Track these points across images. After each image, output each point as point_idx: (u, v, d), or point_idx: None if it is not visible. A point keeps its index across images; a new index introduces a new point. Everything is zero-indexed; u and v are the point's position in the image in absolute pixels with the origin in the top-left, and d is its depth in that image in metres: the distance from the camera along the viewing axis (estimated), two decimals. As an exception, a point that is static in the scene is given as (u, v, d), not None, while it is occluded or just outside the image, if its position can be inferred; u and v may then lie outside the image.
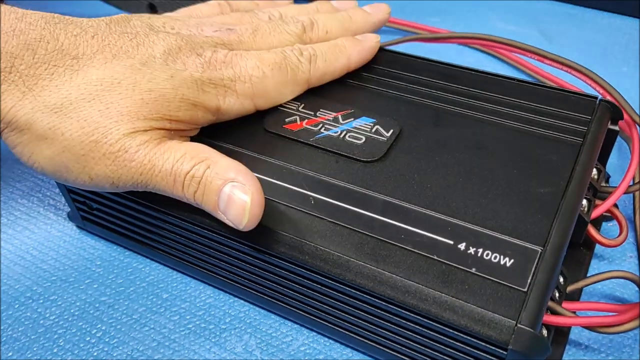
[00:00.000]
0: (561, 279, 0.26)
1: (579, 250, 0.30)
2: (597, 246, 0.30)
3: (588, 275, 0.29)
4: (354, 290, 0.24)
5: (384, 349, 0.25)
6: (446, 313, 0.22)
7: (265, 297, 0.28)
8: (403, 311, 0.23)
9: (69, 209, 0.33)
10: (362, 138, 0.28)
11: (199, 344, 0.28)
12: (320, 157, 0.28)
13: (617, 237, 0.28)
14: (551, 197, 0.25)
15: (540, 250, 0.23)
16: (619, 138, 0.31)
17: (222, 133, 0.29)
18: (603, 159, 0.30)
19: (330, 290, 0.25)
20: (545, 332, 0.24)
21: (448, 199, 0.25)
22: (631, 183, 0.29)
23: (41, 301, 0.30)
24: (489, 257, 0.23)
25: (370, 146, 0.28)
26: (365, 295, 0.24)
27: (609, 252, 0.30)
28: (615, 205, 0.29)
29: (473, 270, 0.23)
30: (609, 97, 0.31)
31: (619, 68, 0.40)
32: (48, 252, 0.32)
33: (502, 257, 0.23)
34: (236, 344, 0.28)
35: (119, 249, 0.32)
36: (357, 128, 0.29)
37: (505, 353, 0.21)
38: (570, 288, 0.26)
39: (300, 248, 0.24)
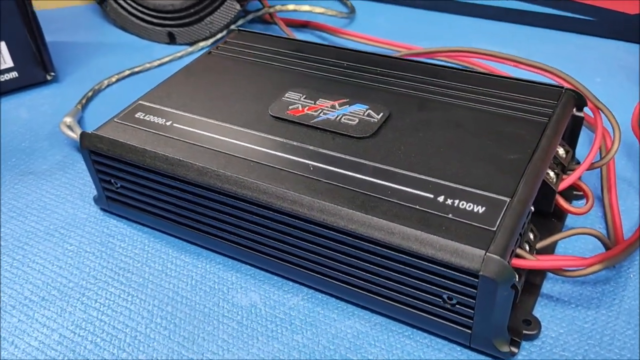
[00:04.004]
0: (531, 236, 0.29)
1: (550, 220, 0.33)
2: (569, 219, 0.33)
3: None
4: (345, 236, 0.27)
5: (372, 295, 0.28)
6: (425, 248, 0.25)
7: (268, 257, 0.31)
8: (389, 251, 0.26)
9: (95, 194, 0.37)
10: (355, 120, 0.32)
11: (209, 299, 0.31)
12: (319, 135, 0.32)
13: (584, 206, 0.31)
14: (519, 162, 0.29)
15: (508, 200, 0.26)
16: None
17: (230, 116, 0.33)
18: (572, 143, 0.34)
19: (325, 240, 0.28)
20: (516, 277, 0.27)
21: (429, 164, 0.29)
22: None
23: (67, 268, 0.33)
24: (464, 206, 0.27)
25: (362, 125, 0.32)
26: (355, 240, 0.27)
27: (580, 223, 0.33)
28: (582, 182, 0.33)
29: (450, 215, 0.26)
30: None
31: (593, 79, 0.45)
32: (75, 230, 0.36)
33: (475, 205, 0.26)
34: (242, 299, 0.31)
35: (139, 227, 0.36)
36: (352, 112, 0.33)
37: (477, 281, 0.24)
38: (540, 244, 0.29)
39: (299, 202, 0.28)
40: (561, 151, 0.32)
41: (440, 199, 0.27)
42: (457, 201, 0.27)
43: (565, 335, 0.28)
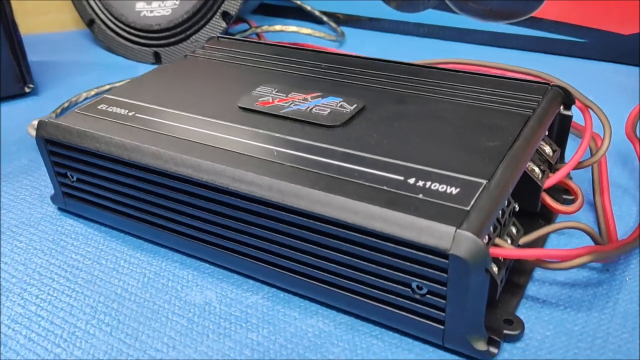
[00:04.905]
0: (514, 230, 0.27)
1: (537, 222, 0.30)
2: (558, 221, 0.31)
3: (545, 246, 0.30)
4: (306, 219, 0.24)
5: (336, 289, 0.25)
6: (390, 227, 0.22)
7: (226, 251, 0.28)
8: (352, 234, 0.23)
9: (52, 192, 0.34)
10: (327, 110, 0.30)
11: (160, 297, 0.28)
12: (287, 125, 0.30)
13: (573, 204, 0.29)
14: (499, 148, 0.26)
15: (485, 182, 0.24)
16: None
17: (196, 108, 0.32)
18: (561, 144, 0.32)
19: (286, 225, 0.25)
20: (495, 269, 0.24)
21: (402, 150, 0.27)
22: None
23: (12, 264, 0.31)
24: (436, 187, 0.24)
25: (334, 115, 0.30)
26: (317, 223, 0.24)
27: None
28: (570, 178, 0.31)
29: (420, 196, 0.24)
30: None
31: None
32: (27, 228, 0.33)
33: (449, 187, 0.24)
34: (196, 297, 0.28)
35: (95, 226, 0.33)
36: (324, 104, 0.31)
37: (447, 262, 0.22)
38: (523, 240, 0.27)
39: (258, 183, 0.25)
40: (548, 149, 0.30)
41: (411, 180, 0.25)
42: (429, 183, 0.24)
43: (552, 337, 0.24)
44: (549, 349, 0.24)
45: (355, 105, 0.31)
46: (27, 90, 0.49)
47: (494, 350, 0.23)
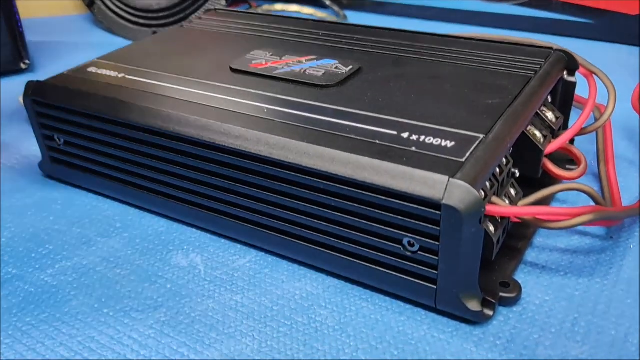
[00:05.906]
0: (513, 192, 0.25)
1: (539, 190, 0.29)
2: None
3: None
4: (295, 174, 0.23)
5: (325, 250, 0.24)
6: (381, 177, 0.21)
7: (212, 212, 0.27)
8: (342, 187, 0.22)
9: (40, 160, 0.34)
10: (322, 71, 0.29)
11: (144, 260, 0.27)
12: (280, 85, 0.29)
13: (575, 170, 0.27)
14: (498, 105, 0.25)
15: (482, 137, 0.23)
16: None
17: (187, 70, 0.31)
18: (564, 112, 0.31)
19: (273, 182, 0.24)
20: (492, 228, 0.23)
21: (397, 107, 0.26)
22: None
23: (-5, 227, 0.30)
24: (430, 141, 0.23)
25: (328, 76, 0.29)
26: (306, 177, 0.23)
27: (573, 196, 0.29)
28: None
29: (413, 149, 0.23)
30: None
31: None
32: (14, 194, 0.32)
33: (443, 140, 0.23)
34: (181, 260, 0.27)
35: (83, 192, 0.32)
36: (319, 66, 0.30)
37: (439, 214, 0.20)
38: (522, 202, 0.25)
39: (245, 137, 0.24)
40: (550, 115, 0.29)
41: (405, 135, 0.24)
42: (423, 137, 0.23)
43: (552, 302, 0.23)
44: (548, 314, 0.23)
45: (350, 67, 0.30)
46: (23, 66, 0.48)
47: (488, 312, 0.22)
